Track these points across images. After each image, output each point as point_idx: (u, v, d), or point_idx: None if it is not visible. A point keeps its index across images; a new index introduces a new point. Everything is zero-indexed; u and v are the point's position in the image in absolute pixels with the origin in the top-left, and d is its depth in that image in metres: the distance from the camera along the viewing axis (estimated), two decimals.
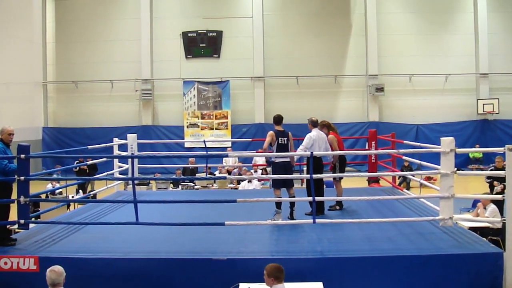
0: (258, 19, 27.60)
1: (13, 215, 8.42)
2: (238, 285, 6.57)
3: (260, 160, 20.08)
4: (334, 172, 10.65)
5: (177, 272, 7.31)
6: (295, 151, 10.10)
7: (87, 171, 18.78)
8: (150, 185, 18.31)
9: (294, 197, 9.54)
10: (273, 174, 9.46)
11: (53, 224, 9.38)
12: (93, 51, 28.11)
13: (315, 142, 10.12)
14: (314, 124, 10.41)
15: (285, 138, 9.63)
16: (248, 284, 6.54)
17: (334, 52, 27.79)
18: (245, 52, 27.66)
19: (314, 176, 8.30)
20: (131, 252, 7.70)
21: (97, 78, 27.82)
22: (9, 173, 8.14)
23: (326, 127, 10.88)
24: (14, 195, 8.23)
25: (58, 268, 5.75)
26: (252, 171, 19.44)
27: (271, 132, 9.63)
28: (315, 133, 10.25)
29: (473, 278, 7.17)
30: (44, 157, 23.78)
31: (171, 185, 18.46)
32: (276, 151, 9.49)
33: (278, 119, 9.83)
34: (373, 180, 17.59)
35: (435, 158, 8.61)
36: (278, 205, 9.32)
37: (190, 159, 20.28)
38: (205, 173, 15.63)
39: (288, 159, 9.56)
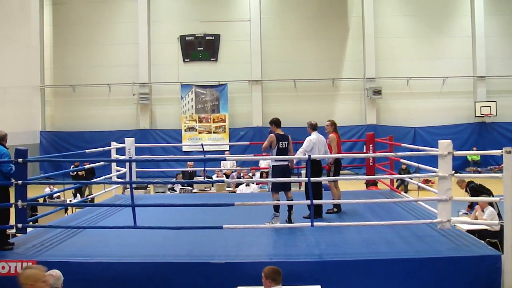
0: (256, 22, 27.64)
1: (11, 219, 8.42)
2: None
3: (263, 163, 20.05)
4: (328, 174, 10.68)
5: (175, 276, 7.30)
6: (294, 155, 10.10)
7: (83, 175, 18.71)
8: (148, 189, 18.29)
9: (292, 200, 9.54)
10: (272, 177, 9.45)
11: (51, 228, 9.36)
12: (91, 55, 28.12)
13: (315, 145, 10.14)
14: (314, 127, 10.44)
15: (286, 142, 9.63)
16: None
17: (331, 55, 27.82)
18: (242, 55, 27.69)
19: (312, 179, 8.30)
20: (129, 256, 7.69)
21: (94, 82, 27.79)
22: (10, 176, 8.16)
23: (334, 125, 10.95)
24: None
25: (56, 272, 5.75)
26: (250, 174, 19.42)
27: (272, 136, 9.60)
28: (314, 136, 10.28)
29: (471, 280, 7.17)
30: (42, 161, 23.76)
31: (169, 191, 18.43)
32: (277, 155, 9.48)
33: (278, 122, 9.81)
34: (371, 183, 17.60)
35: (433, 161, 8.62)
36: (276, 208, 9.32)
37: (188, 162, 20.26)
38: (202, 177, 15.65)
39: (287, 163, 9.56)
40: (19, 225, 8.16)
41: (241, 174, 18.96)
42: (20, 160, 8.03)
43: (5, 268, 7.45)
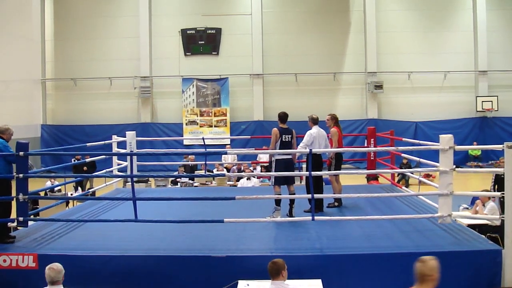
0: (257, 16, 27.58)
1: (12, 212, 8.44)
2: (237, 282, 6.58)
3: (264, 157, 20.03)
4: (329, 168, 10.68)
5: (176, 270, 7.32)
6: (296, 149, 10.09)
7: (84, 168, 18.72)
8: (149, 182, 18.31)
9: (294, 194, 9.55)
10: (275, 171, 9.45)
11: (52, 221, 9.37)
12: (92, 49, 28.09)
13: (315, 139, 10.14)
14: (315, 121, 10.44)
15: (289, 136, 9.62)
16: (247, 281, 6.55)
17: (333, 49, 27.79)
18: (244, 49, 27.66)
19: (313, 173, 8.30)
20: (130, 250, 7.70)
21: (95, 75, 27.78)
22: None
23: (335, 119, 10.94)
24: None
25: (57, 265, 5.76)
26: (251, 168, 19.42)
27: (275, 130, 9.59)
28: (315, 130, 10.27)
29: (472, 275, 7.18)
30: (43, 154, 23.80)
31: (170, 182, 18.46)
32: (279, 149, 9.48)
33: (283, 117, 9.80)
34: (372, 178, 17.60)
35: (434, 155, 8.62)
36: (278, 202, 9.32)
37: (189, 156, 20.26)
38: (203, 171, 15.66)
39: (290, 156, 9.55)
40: (20, 219, 8.18)
41: (242, 168, 18.98)
42: (21, 153, 8.04)
43: (6, 261, 7.46)
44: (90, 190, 14.54)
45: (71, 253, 7.51)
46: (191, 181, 17.82)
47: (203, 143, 16.18)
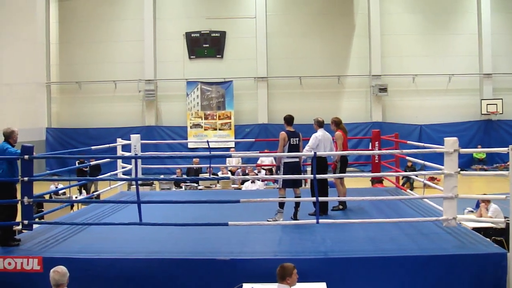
0: (261, 19, 27.63)
1: (17, 215, 8.46)
2: (242, 286, 6.58)
3: (266, 160, 20.03)
4: (335, 172, 10.66)
5: (180, 272, 7.31)
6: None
7: (88, 171, 18.77)
8: (153, 185, 18.33)
9: (299, 197, 9.54)
10: (283, 174, 9.43)
11: (57, 224, 9.39)
12: (97, 52, 28.17)
13: (320, 142, 10.13)
14: (320, 124, 10.43)
15: (297, 139, 9.62)
16: (251, 285, 6.55)
17: (337, 52, 27.79)
18: (248, 52, 27.69)
19: (318, 176, 8.29)
20: (134, 253, 7.70)
21: (100, 78, 27.87)
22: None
23: (336, 124, 10.89)
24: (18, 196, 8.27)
25: (61, 268, 5.76)
26: (255, 171, 19.42)
27: (283, 133, 9.58)
28: (320, 133, 10.26)
29: (477, 278, 7.15)
30: (48, 157, 23.79)
31: (175, 185, 18.46)
32: (288, 152, 9.48)
33: (290, 120, 9.81)
34: (376, 181, 17.58)
35: (438, 158, 8.60)
36: (281, 204, 9.31)
37: (194, 159, 20.28)
38: (208, 174, 15.66)
39: (297, 159, 9.56)
40: (25, 222, 8.18)
41: (247, 171, 18.97)
42: (26, 157, 8.06)
43: (12, 264, 7.47)
44: (95, 193, 14.56)
45: (75, 256, 7.52)
46: (195, 184, 17.83)
47: (207, 146, 16.20)
